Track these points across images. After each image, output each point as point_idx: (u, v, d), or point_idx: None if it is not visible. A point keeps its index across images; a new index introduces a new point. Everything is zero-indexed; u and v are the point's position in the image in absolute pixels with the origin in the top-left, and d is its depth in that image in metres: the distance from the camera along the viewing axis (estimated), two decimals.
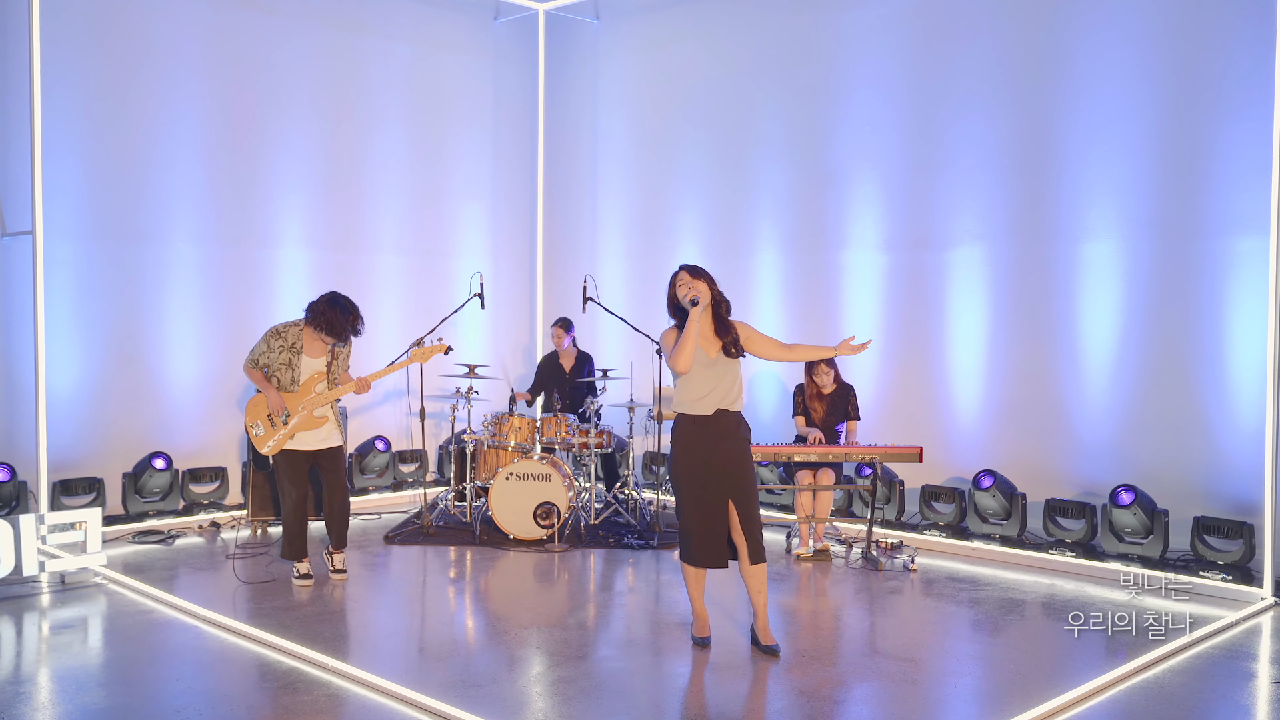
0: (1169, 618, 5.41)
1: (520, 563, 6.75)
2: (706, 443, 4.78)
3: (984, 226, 7.45)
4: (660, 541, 7.16)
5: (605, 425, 7.71)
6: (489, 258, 9.86)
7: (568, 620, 5.50)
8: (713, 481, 4.77)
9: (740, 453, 4.85)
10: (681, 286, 4.81)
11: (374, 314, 8.88)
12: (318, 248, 8.79)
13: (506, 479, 7.13)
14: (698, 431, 4.79)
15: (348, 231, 8.99)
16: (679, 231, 9.35)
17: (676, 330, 4.83)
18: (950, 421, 7.62)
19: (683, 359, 4.66)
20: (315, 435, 6.03)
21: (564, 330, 8.48)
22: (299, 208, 8.66)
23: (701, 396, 4.78)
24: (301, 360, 6.02)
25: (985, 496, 6.93)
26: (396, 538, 7.28)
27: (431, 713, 4.13)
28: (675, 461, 4.86)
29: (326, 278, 8.66)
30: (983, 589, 6.10)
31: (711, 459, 4.77)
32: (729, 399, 4.83)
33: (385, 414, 9.15)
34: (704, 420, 4.78)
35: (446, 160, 9.66)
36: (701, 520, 4.79)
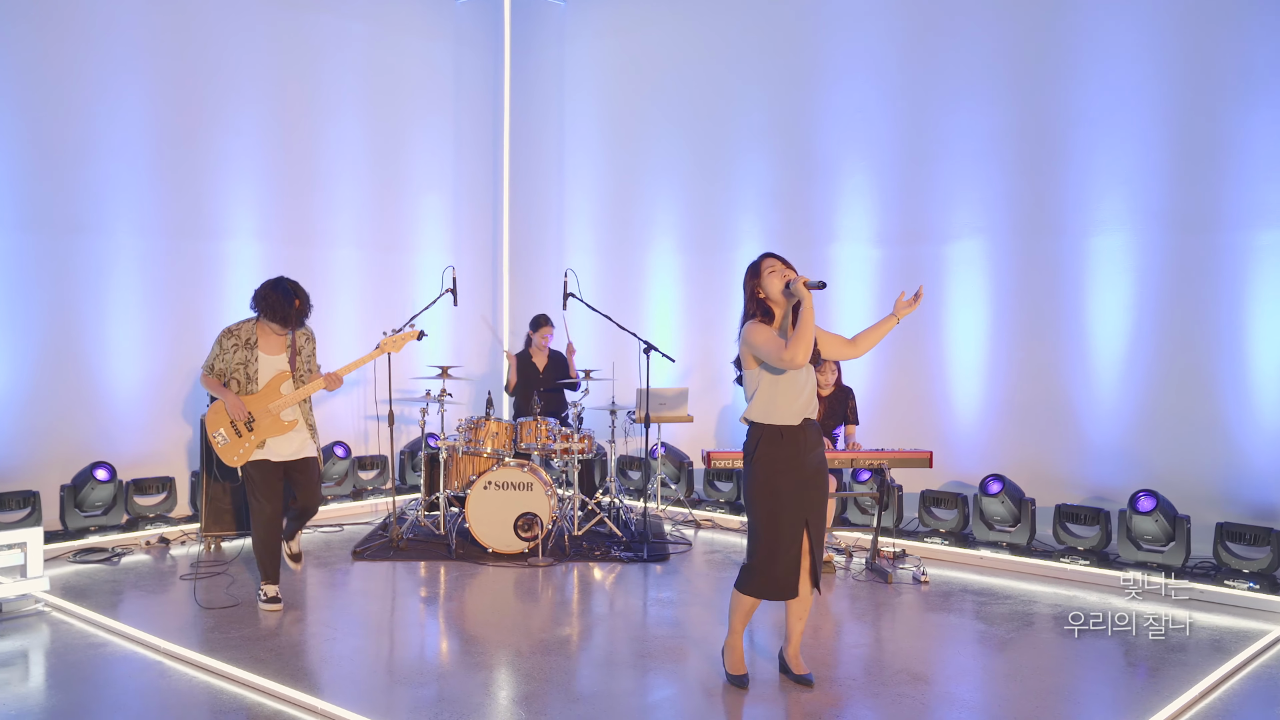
0: (1211, 632, 5.11)
1: (501, 579, 6.25)
2: (798, 457, 4.27)
3: (984, 219, 7.12)
4: (650, 553, 6.71)
5: (587, 429, 7.23)
6: (451, 252, 9.32)
7: (556, 642, 5.02)
8: (800, 501, 4.28)
9: (823, 464, 4.39)
10: (774, 275, 4.24)
11: (331, 311, 8.33)
12: (270, 240, 8.18)
13: (485, 488, 6.63)
14: (789, 445, 4.25)
15: (302, 223, 8.39)
16: (654, 225, 8.91)
17: (766, 324, 4.27)
18: (950, 423, 7.28)
19: (803, 350, 4.03)
20: (288, 444, 5.49)
21: (551, 328, 8.00)
22: (249, 197, 8.04)
23: (788, 404, 4.25)
24: (259, 358, 5.47)
25: (994, 502, 6.59)
26: (364, 553, 6.72)
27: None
28: (761, 481, 4.28)
29: (279, 272, 8.03)
30: (1002, 602, 5.75)
31: (802, 475, 4.28)
32: (812, 407, 4.35)
33: (343, 417, 8.58)
34: (793, 432, 4.26)
35: (406, 149, 9.10)
36: (787, 546, 4.26)
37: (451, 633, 5.34)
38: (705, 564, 6.68)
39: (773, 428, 4.24)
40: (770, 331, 4.19)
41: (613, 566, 6.54)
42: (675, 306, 8.79)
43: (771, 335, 4.17)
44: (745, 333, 4.23)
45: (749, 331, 4.21)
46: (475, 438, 6.96)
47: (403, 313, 8.76)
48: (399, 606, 5.83)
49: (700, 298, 8.64)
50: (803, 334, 4.02)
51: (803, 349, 4.00)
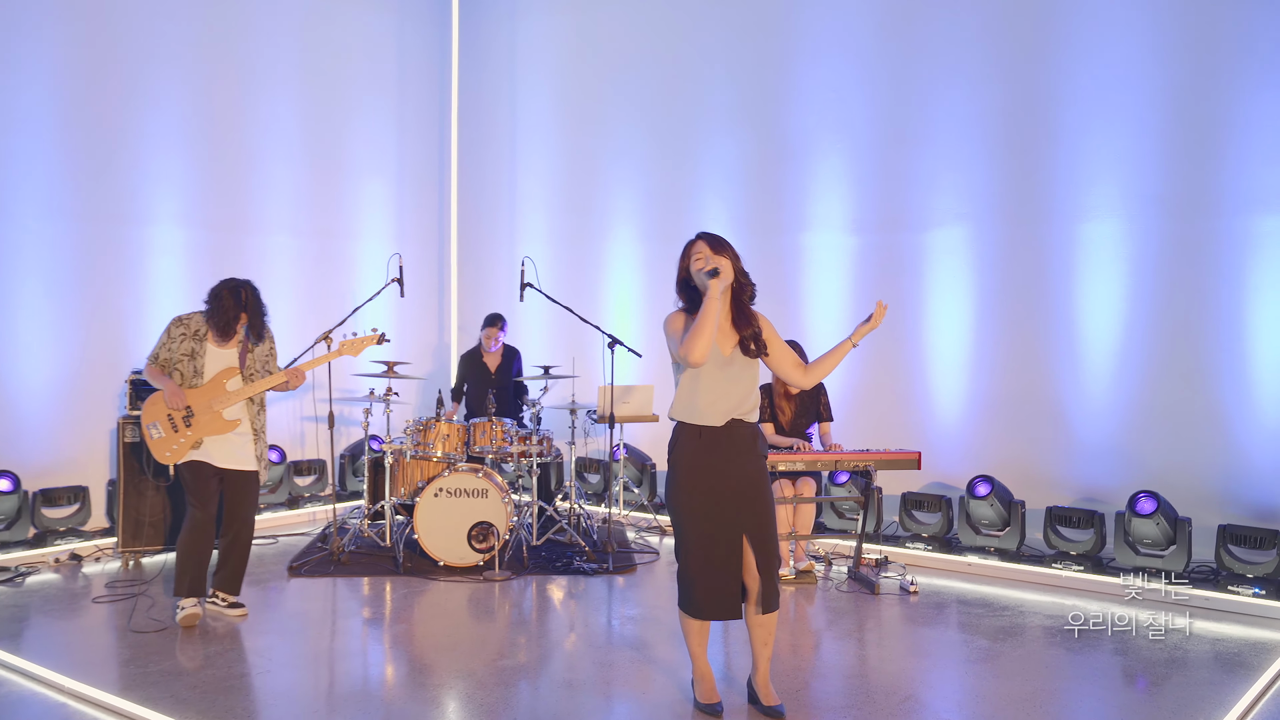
0: (1218, 644, 4.74)
1: (453, 595, 5.70)
2: (716, 461, 3.83)
3: (967, 205, 6.72)
4: (615, 564, 6.20)
5: (546, 431, 6.70)
6: (395, 241, 8.72)
7: (513, 668, 4.50)
8: (724, 511, 3.83)
9: (758, 474, 3.91)
10: (697, 259, 3.83)
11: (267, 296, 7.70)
12: (195, 225, 7.51)
13: (436, 495, 6.07)
14: (705, 447, 3.83)
15: (230, 207, 7.73)
16: (613, 212, 8.39)
17: (685, 314, 3.88)
18: (931, 422, 6.88)
19: (699, 345, 3.66)
20: (228, 449, 5.01)
21: (499, 329, 7.43)
22: (171, 178, 7.37)
23: (711, 403, 3.83)
24: (207, 350, 5.02)
25: (982, 505, 6.19)
26: (301, 568, 6.12)
27: None
28: (675, 485, 3.89)
29: (207, 261, 7.44)
30: (999, 614, 5.34)
31: (723, 482, 3.83)
32: (745, 406, 3.89)
33: (278, 419, 7.92)
34: (712, 434, 3.83)
35: (345, 128, 8.47)
36: (708, 560, 3.84)
37: (399, 659, 4.78)
38: (673, 575, 6.13)
39: (691, 428, 3.83)
40: (682, 322, 3.83)
41: (575, 580, 6.02)
42: (636, 298, 8.29)
43: (680, 327, 3.82)
44: (666, 319, 3.90)
45: (667, 320, 3.89)
46: (424, 440, 6.40)
47: (343, 304, 8.14)
48: (340, 630, 5.25)
49: (663, 289, 8.11)
50: (698, 328, 3.64)
51: (697, 345, 3.64)
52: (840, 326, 7.09)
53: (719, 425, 3.80)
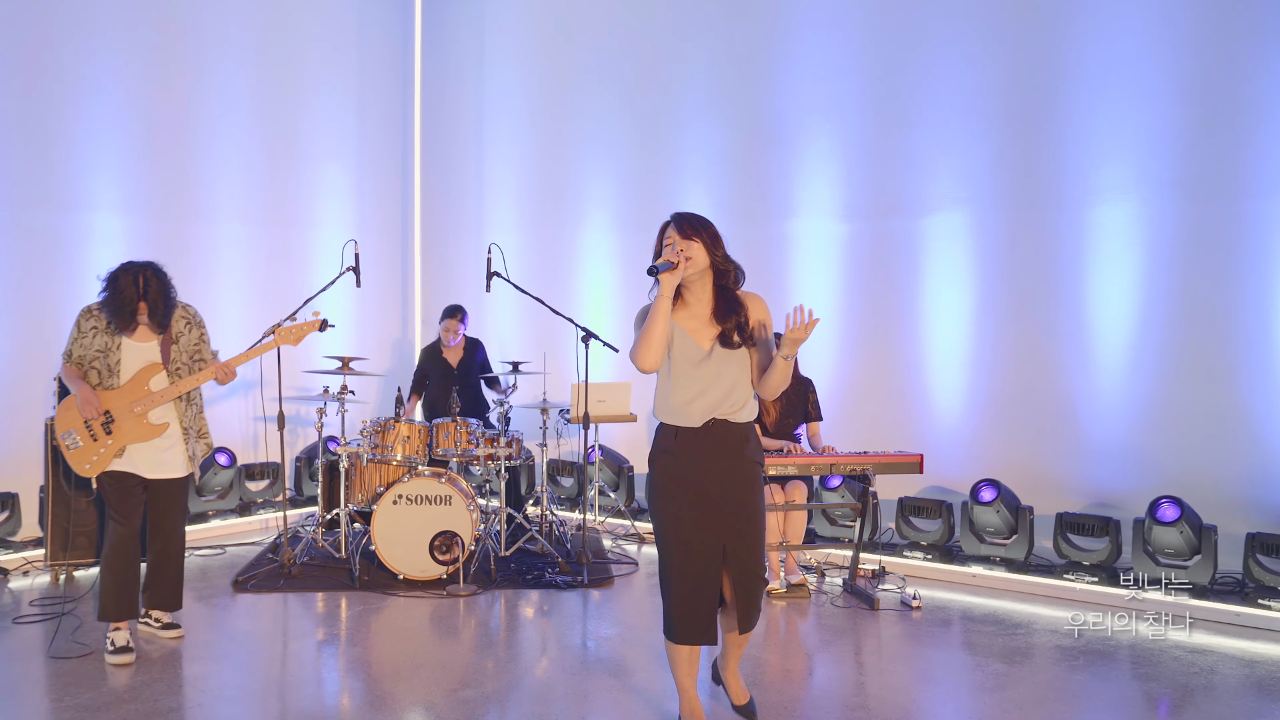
0: (1248, 665, 4.31)
1: (414, 612, 5.20)
2: (694, 465, 3.38)
3: (967, 189, 6.27)
4: (591, 577, 5.72)
5: (515, 432, 6.20)
6: (354, 230, 8.16)
7: (480, 697, 4.00)
8: (703, 519, 3.38)
9: (744, 480, 3.44)
10: (667, 245, 3.39)
11: (213, 295, 7.17)
12: (138, 213, 6.96)
13: (395, 502, 5.57)
14: (682, 450, 3.39)
15: (177, 193, 7.19)
16: (586, 199, 7.90)
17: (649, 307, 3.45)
18: (928, 422, 6.43)
19: (646, 353, 3.29)
20: (154, 456, 4.44)
21: (459, 321, 6.92)
22: (112, 162, 6.82)
23: (687, 401, 3.39)
24: (123, 345, 4.40)
25: (987, 512, 5.74)
26: (248, 582, 5.59)
27: None
28: (652, 491, 3.48)
29: (149, 251, 6.80)
30: (1013, 632, 4.89)
31: (701, 488, 3.38)
32: (728, 404, 3.41)
33: (228, 419, 7.40)
34: (690, 435, 3.39)
35: (301, 111, 7.93)
36: (683, 574, 3.38)
37: (354, 687, 4.26)
38: (653, 587, 5.70)
39: (668, 428, 3.45)
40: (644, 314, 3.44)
41: (546, 594, 5.53)
42: (611, 290, 7.80)
43: (640, 320, 3.44)
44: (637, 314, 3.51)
45: (637, 314, 3.50)
46: (383, 442, 5.89)
47: (299, 297, 7.62)
48: (290, 653, 4.73)
49: (640, 281, 7.63)
50: (644, 334, 3.30)
51: (642, 352, 3.30)
52: (830, 319, 6.64)
53: (697, 426, 3.36)
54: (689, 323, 3.41)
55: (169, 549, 4.58)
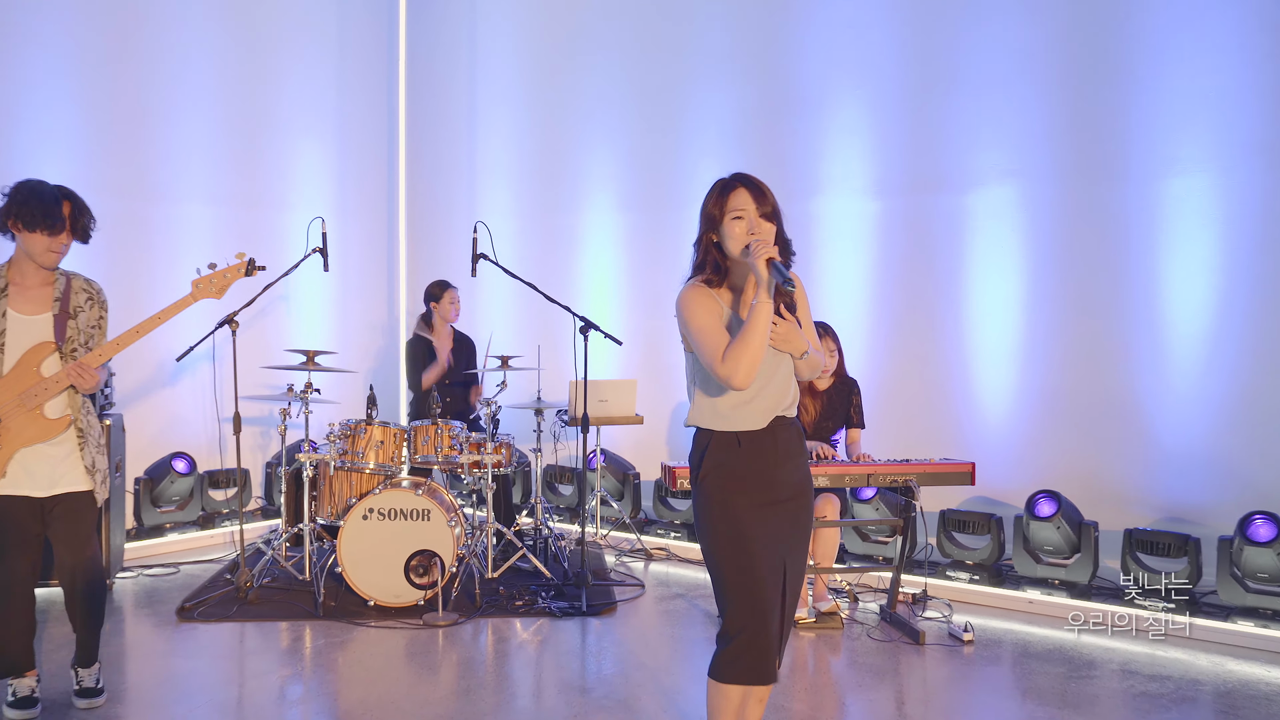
0: None
1: (385, 645, 4.48)
2: (762, 476, 2.72)
3: (1017, 160, 5.54)
4: (591, 603, 4.99)
5: (505, 435, 5.47)
6: (334, 210, 7.47)
7: None
8: (769, 536, 2.70)
9: (806, 486, 2.83)
10: (738, 221, 2.66)
11: (173, 284, 6.46)
12: (89, 190, 6.15)
13: (364, 517, 4.86)
14: (751, 456, 2.71)
15: (133, 170, 6.47)
16: (587, 177, 7.17)
17: (707, 289, 2.73)
18: (972, 425, 5.69)
19: (744, 366, 2.59)
20: (48, 468, 3.50)
21: (454, 293, 6.21)
22: (59, 133, 6.12)
23: (748, 400, 2.72)
24: (7, 317, 3.49)
25: (1045, 528, 5.00)
26: (195, 609, 4.87)
27: None
28: (716, 513, 2.71)
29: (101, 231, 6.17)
30: (1086, 675, 4.15)
31: (770, 501, 2.72)
32: (789, 399, 2.79)
33: (188, 419, 6.67)
34: (756, 440, 2.71)
35: (274, 81, 7.20)
36: (758, 603, 2.64)
37: None
38: (662, 614, 4.98)
39: (726, 437, 2.73)
40: (712, 306, 2.73)
41: (540, 623, 4.80)
42: (616, 279, 7.07)
43: (712, 317, 2.71)
44: (682, 298, 2.76)
45: (686, 298, 2.75)
46: (353, 448, 5.17)
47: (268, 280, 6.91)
48: (235, 699, 3.99)
49: (648, 268, 6.93)
50: (748, 345, 2.58)
51: (744, 367, 2.59)
52: (861, 309, 5.92)
53: (762, 428, 2.72)
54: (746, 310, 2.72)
55: (81, 587, 3.65)
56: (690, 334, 2.69)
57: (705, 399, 2.76)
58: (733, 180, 2.70)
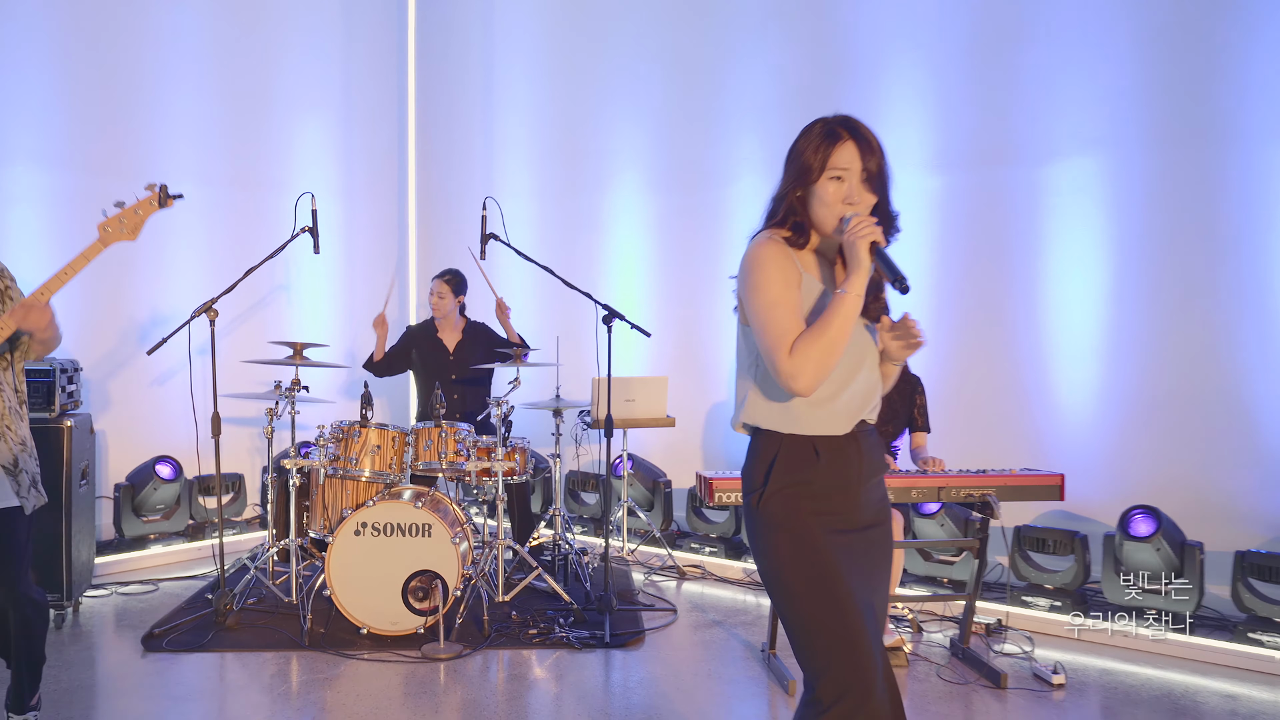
0: None
1: (379, 680, 3.87)
2: (847, 492, 2.12)
3: (1103, 126, 4.85)
4: (615, 632, 4.35)
5: (519, 440, 4.85)
6: (340, 193, 6.89)
7: None
8: (858, 573, 2.10)
9: (888, 505, 2.26)
10: (836, 184, 2.06)
11: (164, 271, 5.93)
12: (67, 168, 5.71)
13: (357, 533, 4.25)
14: (827, 472, 2.10)
15: (117, 147, 5.92)
16: (613, 155, 6.54)
17: (788, 254, 2.10)
18: (1050, 431, 5.01)
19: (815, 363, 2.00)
20: None
21: (452, 289, 5.58)
22: (35, 106, 5.58)
23: (830, 397, 2.12)
24: None
25: (1141, 549, 4.31)
26: (165, 637, 4.29)
27: None
28: (783, 544, 2.07)
29: (79, 213, 5.63)
30: None
31: (856, 526, 2.13)
32: (874, 401, 2.20)
33: (173, 418, 6.09)
34: (836, 449, 2.11)
35: (274, 52, 6.62)
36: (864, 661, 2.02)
37: None
38: (698, 646, 4.34)
39: (799, 442, 2.11)
40: (790, 273, 2.09)
41: (556, 656, 4.17)
42: (645, 267, 6.44)
43: (788, 289, 2.07)
44: (752, 254, 2.12)
45: (758, 255, 2.10)
46: (346, 453, 4.56)
47: (271, 275, 6.35)
48: None
49: (679, 254, 6.29)
50: (825, 341, 2.00)
51: (812, 367, 2.00)
52: (921, 297, 5.24)
53: (843, 433, 2.12)
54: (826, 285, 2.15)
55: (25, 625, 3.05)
56: (753, 305, 2.06)
57: (769, 394, 2.13)
58: (840, 127, 2.06)
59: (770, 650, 4.05)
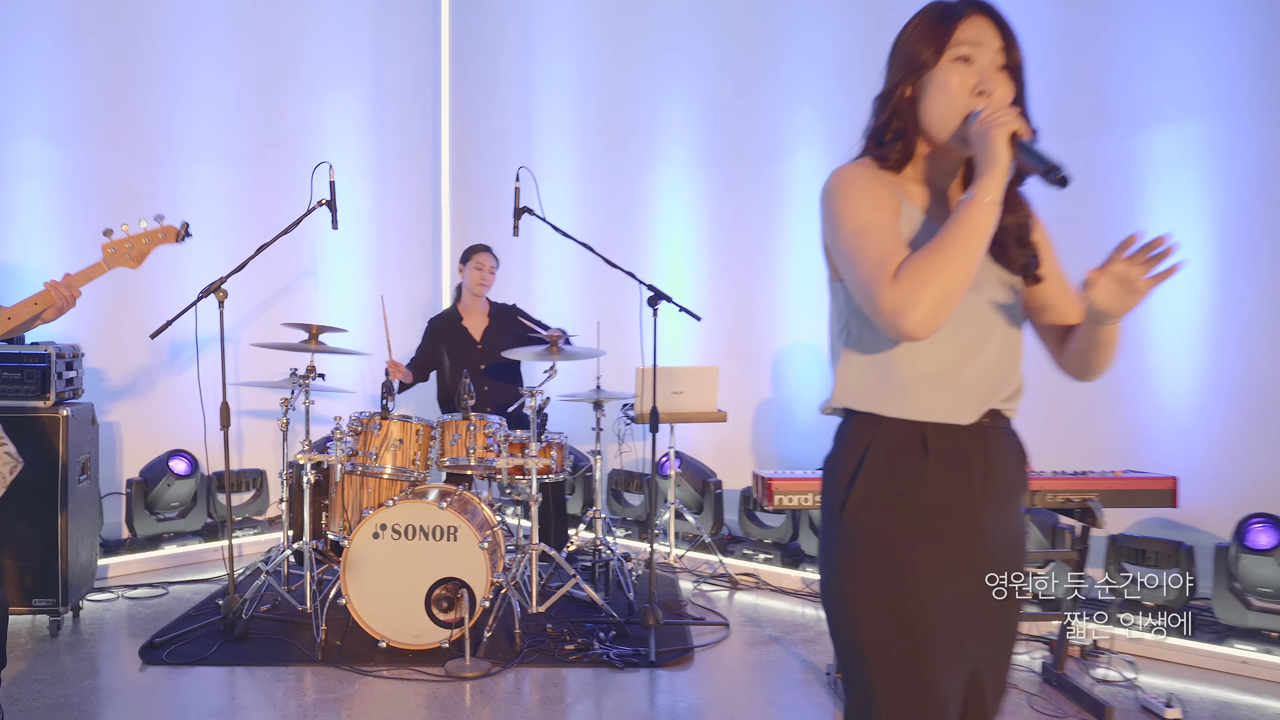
0: None
1: (397, 701, 3.46)
2: (965, 509, 1.58)
3: (1207, 88, 4.32)
4: (661, 649, 3.90)
5: (555, 435, 4.42)
6: (369, 172, 6.52)
7: None
8: (964, 624, 1.57)
9: (1022, 540, 1.69)
10: (961, 59, 1.58)
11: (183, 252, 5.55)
12: (76, 142, 5.36)
13: (375, 535, 3.85)
14: (940, 475, 1.58)
15: (135, 123, 5.58)
16: (661, 128, 6.10)
17: (881, 176, 1.64)
18: (1147, 426, 4.48)
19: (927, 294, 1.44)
20: None
21: (496, 260, 5.18)
22: (48, 78, 5.25)
23: (947, 370, 1.61)
24: None
25: (1263, 564, 3.80)
26: (168, 648, 3.91)
27: None
28: (863, 563, 1.57)
29: (91, 191, 5.33)
30: None
31: (974, 559, 1.59)
32: (1011, 382, 1.69)
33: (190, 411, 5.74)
34: (954, 441, 1.59)
35: (301, 22, 6.24)
36: None
37: None
38: (753, 666, 3.88)
39: (901, 427, 1.60)
40: (884, 196, 1.59)
41: (595, 675, 3.74)
42: (693, 250, 5.98)
43: (881, 211, 1.57)
44: (833, 180, 1.62)
45: (841, 179, 1.62)
46: (365, 447, 4.16)
47: (297, 260, 6.01)
48: None
49: (730, 235, 5.83)
50: (944, 259, 1.46)
51: (929, 295, 1.45)
52: None
53: (966, 423, 1.61)
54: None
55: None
56: (840, 238, 1.56)
57: (865, 363, 1.63)
58: (964, 4, 1.58)
59: (837, 674, 3.59)
